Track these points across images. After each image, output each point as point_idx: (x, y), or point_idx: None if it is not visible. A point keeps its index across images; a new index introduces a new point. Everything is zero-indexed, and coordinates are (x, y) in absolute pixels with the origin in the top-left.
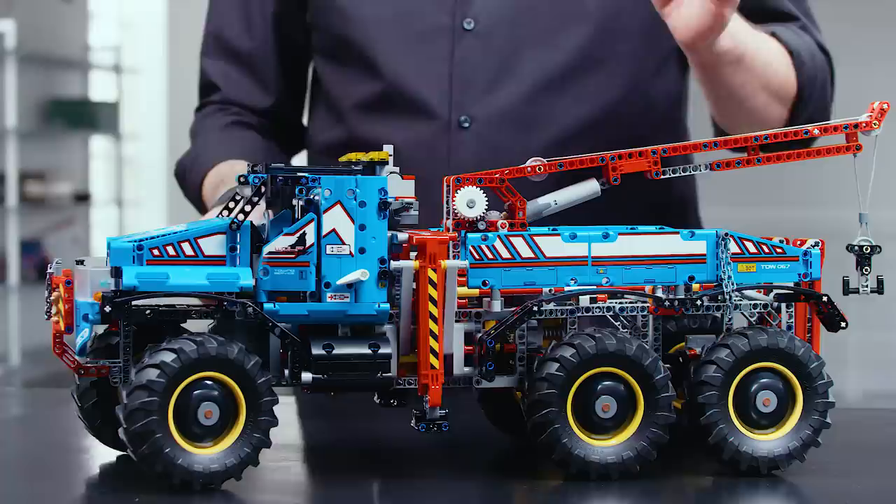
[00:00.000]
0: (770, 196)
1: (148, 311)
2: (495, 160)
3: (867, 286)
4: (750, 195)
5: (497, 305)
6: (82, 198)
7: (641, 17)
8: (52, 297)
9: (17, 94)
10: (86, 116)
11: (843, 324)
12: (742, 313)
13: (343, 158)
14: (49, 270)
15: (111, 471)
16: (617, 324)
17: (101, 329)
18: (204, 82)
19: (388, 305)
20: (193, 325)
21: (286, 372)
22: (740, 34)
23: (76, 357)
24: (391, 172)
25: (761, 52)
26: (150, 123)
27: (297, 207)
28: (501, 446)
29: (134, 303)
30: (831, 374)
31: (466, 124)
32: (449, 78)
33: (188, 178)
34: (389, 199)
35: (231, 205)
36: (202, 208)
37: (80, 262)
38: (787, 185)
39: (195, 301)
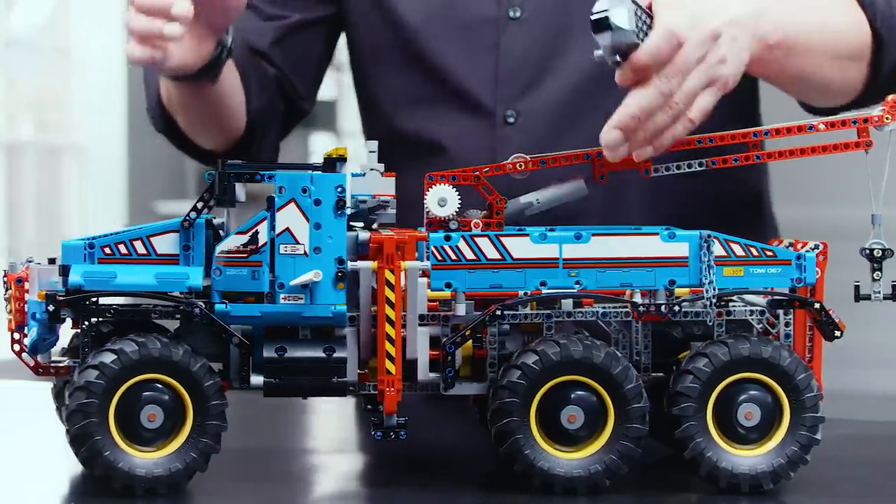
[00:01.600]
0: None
1: (109, 311)
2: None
3: (879, 292)
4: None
5: (461, 309)
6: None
7: None
8: (6, 296)
9: None
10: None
11: (837, 332)
12: (748, 320)
13: (326, 154)
14: (4, 269)
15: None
16: (608, 329)
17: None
18: None
19: (344, 307)
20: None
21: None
22: (786, 23)
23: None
24: (372, 169)
25: (817, 26)
26: None
27: None
28: (480, 454)
29: (101, 301)
30: (842, 379)
31: (512, 119)
32: (495, 70)
33: (147, 91)
34: (363, 197)
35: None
36: (167, 125)
37: (31, 261)
38: (804, 182)
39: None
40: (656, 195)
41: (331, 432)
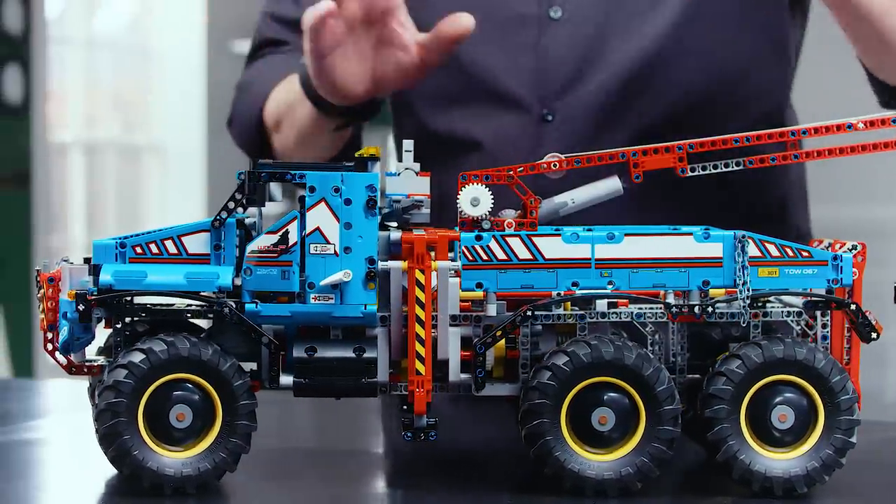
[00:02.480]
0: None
1: (142, 311)
2: None
3: None
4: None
5: (492, 309)
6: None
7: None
8: (39, 295)
9: None
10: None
11: (873, 334)
12: (787, 321)
13: (357, 153)
14: (37, 268)
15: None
16: (644, 331)
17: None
18: (257, 42)
19: (375, 307)
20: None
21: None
22: None
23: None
24: (406, 168)
25: None
26: None
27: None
28: (516, 456)
29: (135, 301)
30: (882, 381)
31: (550, 118)
32: (534, 70)
33: (242, 105)
34: (397, 197)
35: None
36: (254, 140)
37: (66, 260)
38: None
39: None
40: (679, 201)
41: (359, 432)
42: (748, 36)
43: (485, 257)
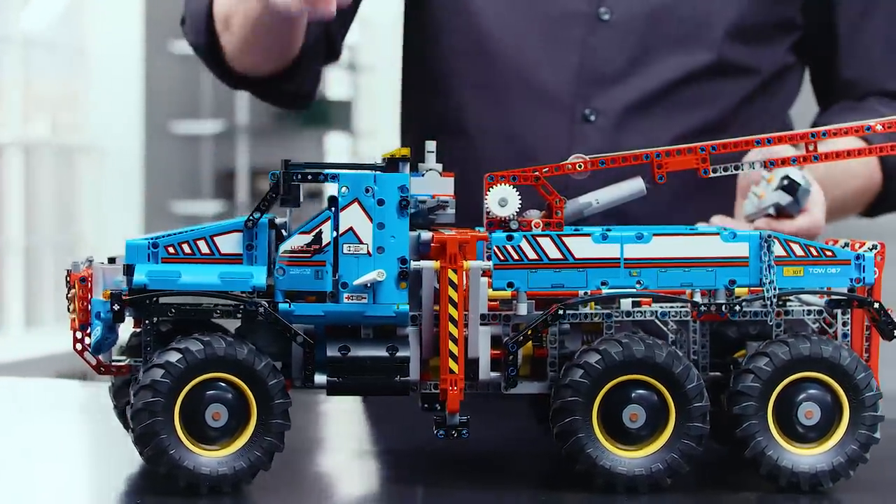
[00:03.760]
0: None
1: (172, 310)
2: None
3: None
4: None
5: (523, 308)
6: (315, 195)
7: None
8: (69, 295)
9: None
10: (320, 114)
11: None
12: (805, 320)
13: (386, 154)
14: (67, 268)
15: (142, 471)
16: (665, 329)
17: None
18: None
19: (407, 307)
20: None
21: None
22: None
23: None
24: (430, 169)
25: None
26: (384, 121)
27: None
28: (538, 454)
29: (161, 301)
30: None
31: (592, 117)
32: (578, 68)
33: (192, 2)
34: (423, 197)
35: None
36: (206, 41)
37: (93, 260)
38: None
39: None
40: (678, 196)
41: (380, 431)
42: (778, 58)
43: (516, 257)
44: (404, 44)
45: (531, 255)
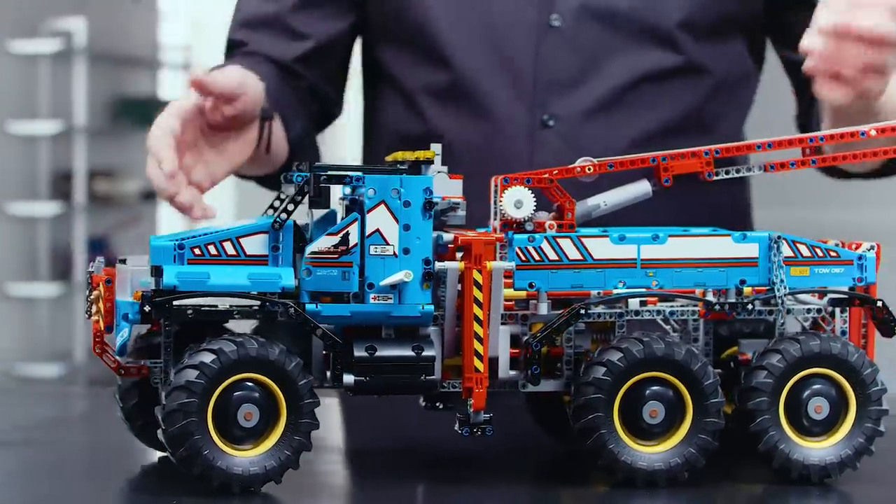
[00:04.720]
0: (825, 197)
1: (190, 311)
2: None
3: None
4: (803, 196)
5: (544, 308)
6: (149, 196)
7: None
8: (91, 297)
9: (87, 92)
10: (154, 115)
11: None
12: (796, 318)
13: (389, 158)
14: (89, 270)
15: (152, 472)
16: (668, 328)
17: (142, 329)
18: (227, 46)
19: (431, 307)
20: (236, 325)
21: (328, 374)
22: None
23: (116, 357)
24: (438, 172)
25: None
26: None
27: (341, 207)
28: (547, 450)
29: (176, 302)
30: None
31: (551, 123)
32: (533, 75)
33: None
34: (435, 199)
35: (276, 203)
36: None
37: (122, 262)
38: (841, 184)
39: (239, 301)
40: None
41: (385, 431)
42: (741, 61)
43: (537, 258)
44: (363, 57)
45: (552, 255)
